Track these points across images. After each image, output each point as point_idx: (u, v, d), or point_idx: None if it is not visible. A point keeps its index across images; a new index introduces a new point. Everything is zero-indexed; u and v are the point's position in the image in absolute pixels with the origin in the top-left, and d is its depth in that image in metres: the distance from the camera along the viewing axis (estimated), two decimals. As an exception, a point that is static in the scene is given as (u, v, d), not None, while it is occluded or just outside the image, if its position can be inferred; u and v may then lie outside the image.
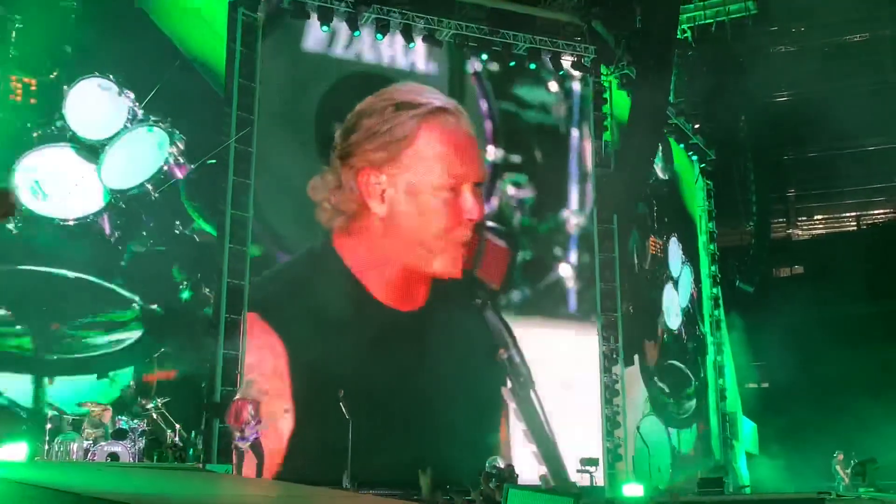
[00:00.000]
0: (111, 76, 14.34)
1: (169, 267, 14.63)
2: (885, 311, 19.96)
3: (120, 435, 12.10)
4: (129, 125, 14.37)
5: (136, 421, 12.48)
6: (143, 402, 12.98)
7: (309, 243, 15.92)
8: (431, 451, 14.63)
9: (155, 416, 12.78)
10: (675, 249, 21.39)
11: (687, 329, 21.26)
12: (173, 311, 14.42)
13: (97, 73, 14.27)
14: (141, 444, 12.13)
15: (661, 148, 19.93)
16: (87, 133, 14.11)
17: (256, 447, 12.99)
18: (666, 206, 21.10)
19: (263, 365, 14.73)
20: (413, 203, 16.35)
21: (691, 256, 21.77)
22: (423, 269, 16.40)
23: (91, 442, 11.90)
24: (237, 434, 12.92)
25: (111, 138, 14.23)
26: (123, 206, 14.26)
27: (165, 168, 14.57)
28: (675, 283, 21.23)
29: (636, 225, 19.75)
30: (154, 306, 14.29)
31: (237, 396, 13.46)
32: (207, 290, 14.75)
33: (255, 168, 15.34)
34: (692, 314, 21.62)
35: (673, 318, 20.87)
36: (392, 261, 16.20)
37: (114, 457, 11.73)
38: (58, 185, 13.78)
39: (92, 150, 14.10)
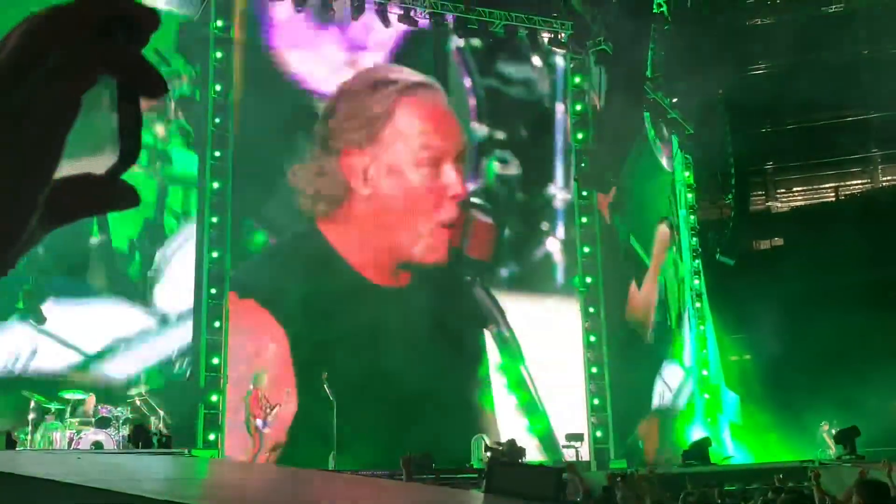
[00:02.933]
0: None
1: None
2: (863, 281, 20.08)
3: (103, 423, 12.03)
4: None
5: (119, 409, 12.42)
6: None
7: (294, 228, 15.86)
8: (421, 431, 14.69)
9: (139, 403, 12.73)
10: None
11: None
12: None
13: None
14: (125, 431, 12.07)
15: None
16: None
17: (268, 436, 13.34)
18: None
19: (263, 351, 14.71)
20: (395, 182, 16.27)
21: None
22: (407, 252, 16.35)
23: (75, 431, 11.83)
24: (258, 421, 13.23)
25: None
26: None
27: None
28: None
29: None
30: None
31: (251, 386, 13.70)
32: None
33: (233, 152, 15.21)
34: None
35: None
36: (378, 243, 16.15)
37: (98, 445, 11.68)
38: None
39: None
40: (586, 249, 18.44)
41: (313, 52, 16.66)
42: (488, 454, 14.13)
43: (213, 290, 14.46)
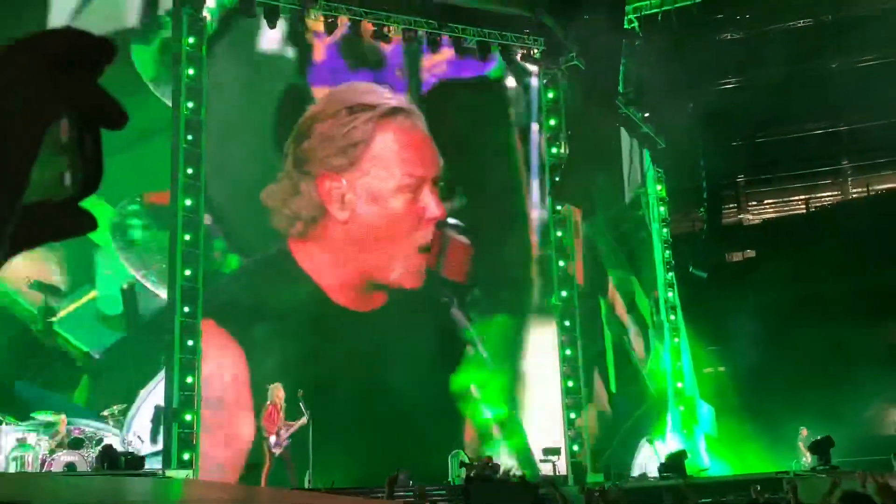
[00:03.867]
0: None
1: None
2: (834, 292, 20.27)
3: (76, 444, 11.90)
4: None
5: (91, 429, 12.29)
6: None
7: (264, 249, 15.82)
8: (399, 448, 14.68)
9: (112, 423, 12.60)
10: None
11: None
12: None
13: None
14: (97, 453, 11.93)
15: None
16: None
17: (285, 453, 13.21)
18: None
19: (223, 373, 14.62)
20: (374, 207, 16.28)
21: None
22: (384, 277, 16.33)
23: (47, 452, 11.69)
24: (272, 439, 13.13)
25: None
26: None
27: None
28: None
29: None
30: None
31: (268, 402, 13.57)
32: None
33: (205, 170, 15.16)
34: None
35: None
36: (353, 266, 16.13)
37: (71, 467, 11.54)
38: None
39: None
40: (561, 263, 18.50)
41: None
42: (463, 470, 14.14)
43: (187, 309, 14.38)
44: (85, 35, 0.69)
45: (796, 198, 25.64)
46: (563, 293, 18.43)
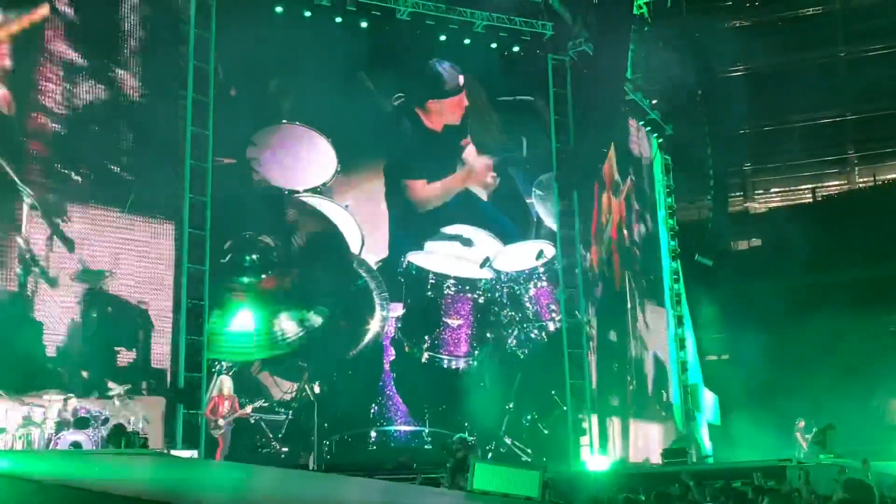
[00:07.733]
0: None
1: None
2: (840, 282, 20.24)
3: (82, 423, 11.91)
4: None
5: (97, 409, 12.30)
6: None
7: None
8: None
9: (117, 403, 12.61)
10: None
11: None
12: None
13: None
14: (103, 431, 11.93)
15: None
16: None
17: (226, 436, 13.60)
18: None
19: None
20: None
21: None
22: None
23: (53, 431, 11.70)
24: (212, 424, 13.54)
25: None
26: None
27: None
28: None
29: None
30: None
31: (214, 393, 13.90)
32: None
33: (212, 152, 15.01)
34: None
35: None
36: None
37: (77, 445, 11.54)
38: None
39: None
40: (568, 252, 18.40)
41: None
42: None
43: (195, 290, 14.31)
44: None
45: (803, 186, 25.59)
46: (570, 279, 18.37)
